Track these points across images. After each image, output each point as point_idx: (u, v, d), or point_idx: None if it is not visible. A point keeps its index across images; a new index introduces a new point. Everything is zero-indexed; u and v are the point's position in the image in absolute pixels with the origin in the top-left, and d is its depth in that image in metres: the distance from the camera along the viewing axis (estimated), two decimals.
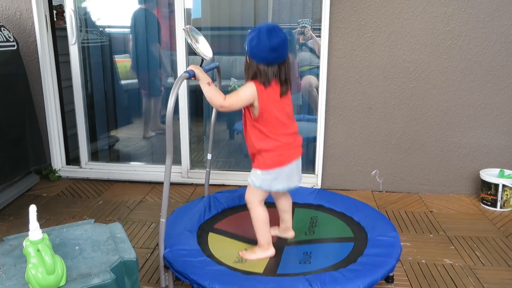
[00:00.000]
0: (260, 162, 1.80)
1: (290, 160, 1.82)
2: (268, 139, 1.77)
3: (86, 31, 3.17)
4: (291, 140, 1.82)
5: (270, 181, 1.81)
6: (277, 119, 1.77)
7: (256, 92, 1.71)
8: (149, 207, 2.69)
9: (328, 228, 2.10)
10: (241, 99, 1.73)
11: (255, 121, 1.76)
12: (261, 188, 1.82)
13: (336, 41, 2.72)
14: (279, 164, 1.80)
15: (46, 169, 3.12)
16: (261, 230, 1.87)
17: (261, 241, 1.88)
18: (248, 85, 1.73)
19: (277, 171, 1.80)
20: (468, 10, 2.60)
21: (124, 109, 3.52)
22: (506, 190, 2.60)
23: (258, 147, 1.78)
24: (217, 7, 3.14)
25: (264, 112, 1.73)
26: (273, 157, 1.78)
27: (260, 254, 1.88)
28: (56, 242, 1.38)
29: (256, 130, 1.77)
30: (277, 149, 1.79)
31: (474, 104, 2.74)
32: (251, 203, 1.86)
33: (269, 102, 1.73)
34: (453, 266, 2.03)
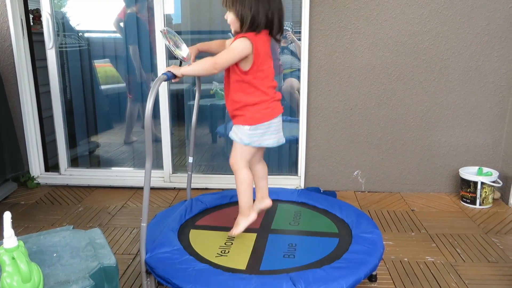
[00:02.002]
0: (248, 117, 1.74)
1: (278, 113, 1.80)
2: (256, 92, 1.73)
3: (64, 36, 3.13)
4: (275, 94, 1.81)
5: (260, 136, 1.76)
6: (266, 71, 1.75)
7: (250, 45, 1.67)
8: (130, 212, 2.65)
9: (312, 221, 2.10)
10: (234, 52, 1.67)
11: (244, 74, 1.72)
12: (251, 144, 1.77)
13: (316, 43, 2.74)
14: (268, 117, 1.76)
15: (24, 176, 3.05)
16: (244, 194, 1.84)
17: (242, 205, 1.86)
18: (237, 40, 1.68)
19: (266, 125, 1.76)
20: (445, 11, 2.65)
21: (105, 114, 3.47)
22: (484, 188, 2.65)
23: (245, 101, 1.73)
24: (197, 12, 3.13)
25: (256, 64, 1.70)
26: (261, 111, 1.75)
27: (244, 224, 1.87)
28: (33, 250, 1.34)
29: (244, 83, 1.73)
30: (265, 102, 1.75)
31: (452, 104, 2.79)
32: (237, 164, 1.80)
33: (262, 53, 1.71)
34: (434, 264, 2.05)
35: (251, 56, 1.69)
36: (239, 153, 1.80)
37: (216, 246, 1.85)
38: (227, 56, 1.68)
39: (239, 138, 1.77)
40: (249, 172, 1.83)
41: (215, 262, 1.72)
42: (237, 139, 1.78)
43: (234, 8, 1.68)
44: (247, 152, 1.80)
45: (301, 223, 2.08)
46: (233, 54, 1.68)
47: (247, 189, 1.83)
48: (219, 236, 1.94)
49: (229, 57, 1.69)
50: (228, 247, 1.85)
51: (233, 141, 1.83)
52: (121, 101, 3.45)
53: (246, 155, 1.80)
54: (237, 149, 1.81)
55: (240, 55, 1.68)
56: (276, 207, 2.25)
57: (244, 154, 1.80)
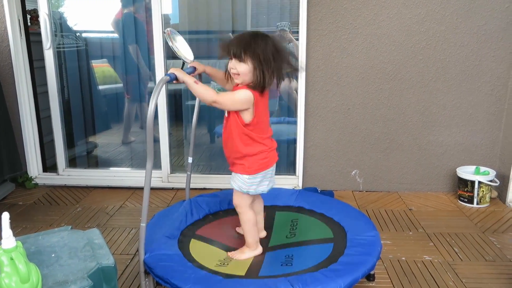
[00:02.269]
0: (246, 167, 1.81)
1: (274, 162, 1.88)
2: (255, 144, 1.79)
3: (62, 36, 3.12)
4: (272, 143, 1.88)
5: (256, 184, 1.84)
6: (265, 124, 1.81)
7: (253, 99, 1.71)
8: (129, 212, 2.65)
9: (308, 230, 2.11)
10: (237, 102, 1.72)
11: (245, 126, 1.76)
12: (249, 192, 1.84)
13: (314, 43, 2.75)
14: (265, 167, 1.83)
15: (22, 177, 3.04)
16: (250, 232, 1.90)
17: (250, 242, 1.91)
18: (244, 91, 1.71)
19: (262, 174, 1.83)
20: (442, 11, 2.66)
21: (103, 114, 3.47)
22: (482, 187, 2.66)
23: (244, 152, 1.79)
24: (194, 11, 3.13)
25: (256, 117, 1.75)
26: (259, 161, 1.81)
27: (249, 255, 1.90)
28: (31, 250, 1.34)
29: (245, 135, 1.77)
30: (262, 153, 1.81)
31: (449, 104, 2.80)
32: (240, 208, 1.88)
33: (262, 108, 1.76)
34: (432, 263, 2.06)
35: (252, 109, 1.73)
36: (240, 198, 1.88)
37: (215, 259, 1.86)
38: (229, 100, 1.73)
39: (238, 186, 1.84)
40: (252, 212, 1.91)
41: (214, 270, 1.73)
42: (236, 187, 1.85)
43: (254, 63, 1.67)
44: (248, 197, 1.88)
45: (297, 233, 2.08)
46: (235, 102, 1.73)
47: (253, 227, 1.90)
48: (218, 253, 1.93)
49: (230, 103, 1.73)
50: (227, 261, 1.85)
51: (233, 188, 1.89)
52: (119, 101, 3.45)
53: (247, 199, 1.88)
54: (238, 194, 1.88)
55: (241, 105, 1.72)
56: (273, 216, 2.25)
57: (245, 199, 1.88)
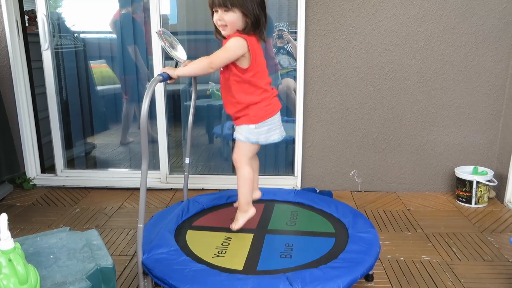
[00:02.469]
0: (252, 116, 1.77)
1: (278, 108, 1.84)
2: (257, 91, 1.76)
3: (60, 37, 3.12)
4: (273, 90, 1.84)
5: (266, 132, 1.79)
6: (263, 67, 1.78)
7: (246, 43, 1.69)
8: (127, 213, 2.65)
9: (309, 221, 2.11)
10: (230, 50, 1.68)
11: (243, 73, 1.73)
12: (258, 142, 1.80)
13: (312, 43, 2.75)
14: (271, 113, 1.79)
15: (20, 178, 3.04)
16: (244, 190, 1.86)
17: (242, 200, 1.88)
18: (233, 38, 1.69)
19: (270, 121, 1.79)
20: (440, 11, 2.66)
21: (101, 115, 3.47)
22: (480, 187, 2.66)
23: (247, 101, 1.75)
24: (193, 12, 3.13)
25: (254, 61, 1.72)
26: (264, 108, 1.77)
27: (243, 218, 1.89)
28: (29, 252, 1.34)
29: (245, 84, 1.74)
30: (266, 99, 1.78)
31: (448, 104, 2.80)
32: (240, 161, 1.83)
33: (257, 50, 1.73)
34: (431, 263, 2.06)
35: (248, 54, 1.71)
36: (243, 151, 1.83)
37: (213, 247, 1.85)
38: (223, 54, 1.69)
39: (245, 137, 1.79)
40: (250, 169, 1.85)
41: (212, 263, 1.73)
42: (243, 139, 1.79)
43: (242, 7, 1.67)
44: (251, 149, 1.83)
45: (297, 223, 2.08)
46: (229, 52, 1.69)
47: (248, 185, 1.86)
48: (216, 237, 1.94)
49: (225, 56, 1.69)
50: (225, 247, 1.85)
51: (236, 140, 1.84)
52: (117, 102, 3.44)
53: (249, 152, 1.83)
54: (240, 147, 1.83)
55: (235, 53, 1.69)
56: (273, 207, 2.25)
57: (247, 152, 1.83)
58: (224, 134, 3.25)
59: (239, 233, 1.96)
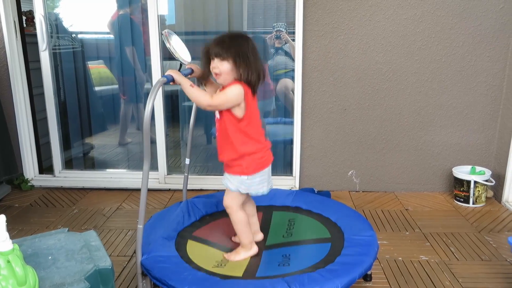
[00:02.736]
0: (244, 167, 1.79)
1: (270, 161, 1.86)
2: (252, 142, 1.77)
3: (57, 37, 3.11)
4: (267, 142, 1.86)
5: (256, 184, 1.81)
6: (257, 120, 1.80)
7: (243, 92, 1.70)
8: (126, 214, 2.65)
9: (305, 229, 2.11)
10: (230, 98, 1.71)
11: (239, 123, 1.75)
12: (248, 192, 1.83)
13: (310, 44, 2.75)
14: (263, 166, 1.81)
15: (18, 179, 3.03)
16: (243, 232, 1.88)
17: (244, 242, 1.89)
18: (234, 86, 1.71)
19: (261, 174, 1.81)
20: (437, 12, 2.67)
21: (99, 115, 3.46)
22: (477, 187, 2.67)
23: (242, 151, 1.77)
24: (191, 12, 3.13)
25: (249, 112, 1.73)
26: (257, 160, 1.79)
27: (245, 255, 1.89)
28: (28, 253, 1.34)
29: (241, 133, 1.76)
30: (259, 151, 1.80)
31: (445, 104, 2.81)
32: (231, 208, 1.86)
33: (253, 105, 1.75)
34: (429, 262, 2.07)
35: (243, 104, 1.73)
36: (233, 198, 1.85)
37: (213, 260, 1.86)
38: (222, 99, 1.72)
39: (236, 187, 1.81)
40: (243, 212, 1.89)
41: (212, 271, 1.73)
42: (233, 188, 1.82)
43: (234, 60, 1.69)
44: (241, 197, 1.86)
45: (294, 233, 2.08)
46: (228, 98, 1.71)
47: (245, 227, 1.89)
48: (215, 253, 1.93)
49: (224, 100, 1.72)
50: (224, 261, 1.85)
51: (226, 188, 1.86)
52: (115, 102, 3.44)
53: (239, 200, 1.86)
54: (230, 195, 1.86)
55: (235, 100, 1.71)
56: (270, 216, 2.25)
57: (238, 200, 1.86)
58: None
59: None
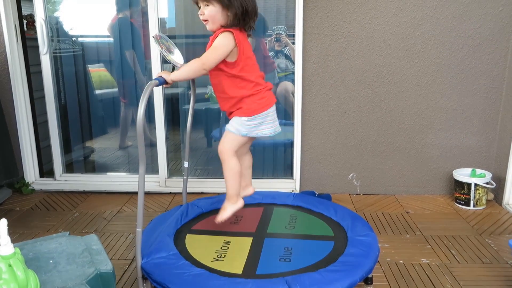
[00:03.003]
0: (245, 109, 1.76)
1: (273, 102, 1.83)
2: (249, 84, 1.75)
3: (58, 41, 3.12)
4: (266, 83, 1.83)
5: (257, 126, 1.78)
6: (252, 61, 1.77)
7: (233, 37, 1.68)
8: (126, 217, 2.65)
9: (308, 225, 2.11)
10: (221, 50, 1.68)
11: (232, 67, 1.72)
12: (248, 135, 1.79)
13: (310, 47, 2.76)
14: (264, 107, 1.78)
15: (19, 183, 3.03)
16: (232, 181, 1.85)
17: (230, 192, 1.86)
18: (220, 35, 1.68)
19: (263, 115, 1.78)
20: (437, 15, 2.68)
21: (99, 119, 3.47)
22: (478, 189, 2.67)
23: (239, 94, 1.74)
24: (191, 16, 3.14)
25: (242, 54, 1.71)
26: (257, 101, 1.76)
27: (231, 209, 1.87)
28: (29, 257, 1.34)
29: (235, 78, 1.73)
30: (259, 92, 1.77)
31: (445, 106, 2.81)
32: (225, 153, 1.81)
33: (244, 44, 1.73)
34: (430, 265, 2.06)
35: (235, 49, 1.71)
36: (229, 142, 1.81)
37: (212, 251, 1.86)
38: (214, 54, 1.69)
39: (236, 129, 1.78)
40: (237, 161, 1.84)
41: (211, 267, 1.73)
42: (234, 130, 1.78)
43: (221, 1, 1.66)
44: (239, 141, 1.81)
45: (296, 226, 2.09)
46: (219, 51, 1.68)
47: (235, 177, 1.84)
48: (215, 240, 1.94)
49: (215, 55, 1.69)
50: (224, 251, 1.85)
51: (225, 131, 1.82)
52: (116, 105, 3.45)
53: (236, 144, 1.81)
54: (228, 138, 1.81)
55: (226, 51, 1.68)
56: (272, 210, 2.26)
57: (235, 144, 1.81)
58: None
59: (238, 236, 1.96)
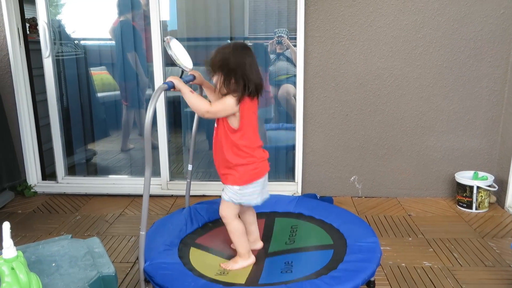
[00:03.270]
0: (237, 177, 1.80)
1: (264, 173, 1.86)
2: (244, 154, 1.79)
3: (61, 44, 3.13)
4: (262, 153, 1.86)
5: (248, 195, 1.83)
6: (254, 132, 1.81)
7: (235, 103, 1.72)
8: (128, 220, 2.65)
9: (308, 236, 2.11)
10: (226, 107, 1.73)
11: (233, 134, 1.77)
12: (240, 203, 1.84)
13: (312, 49, 2.77)
14: (255, 177, 1.82)
15: (21, 185, 3.04)
16: (239, 241, 1.89)
17: (241, 251, 1.89)
18: (229, 96, 1.73)
19: (254, 185, 1.82)
20: (438, 18, 2.68)
21: (101, 122, 3.47)
22: (480, 192, 2.67)
23: (234, 162, 1.79)
24: (193, 18, 3.15)
25: (244, 123, 1.75)
26: (250, 171, 1.80)
27: (242, 264, 1.88)
28: (31, 260, 1.34)
29: (233, 146, 1.78)
30: (253, 163, 1.81)
31: (447, 109, 2.81)
32: (227, 218, 1.87)
33: (249, 115, 1.76)
34: (432, 268, 2.06)
35: (238, 114, 1.74)
36: (227, 209, 1.86)
37: (216, 267, 1.86)
38: (219, 108, 1.75)
39: (229, 197, 1.83)
40: (239, 221, 1.89)
41: (215, 278, 1.73)
42: (227, 198, 1.84)
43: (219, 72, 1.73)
44: (235, 207, 1.87)
45: (296, 240, 2.08)
46: (224, 107, 1.74)
47: (242, 237, 1.89)
48: (218, 261, 1.93)
49: (220, 109, 1.75)
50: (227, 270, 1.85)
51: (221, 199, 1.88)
52: (118, 108, 3.45)
53: (234, 209, 1.87)
54: (225, 206, 1.87)
55: (230, 109, 1.73)
56: (273, 223, 2.25)
57: (232, 209, 1.87)
58: None
59: None
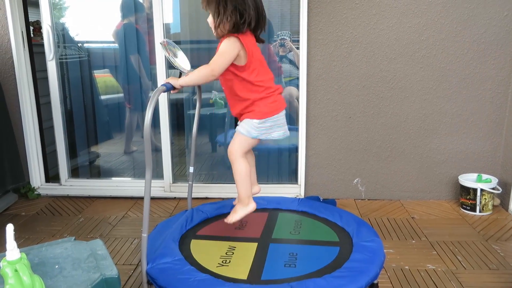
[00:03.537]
0: (256, 111, 1.76)
1: (283, 107, 1.83)
2: (259, 88, 1.76)
3: (64, 47, 3.15)
4: (278, 87, 1.83)
5: (268, 129, 1.79)
6: (262, 65, 1.78)
7: (238, 40, 1.69)
8: (131, 222, 2.66)
9: (313, 230, 2.10)
10: (226, 54, 1.69)
11: (242, 71, 1.73)
12: (258, 137, 1.79)
13: (315, 52, 2.77)
14: (275, 110, 1.79)
15: (25, 187, 3.05)
16: (242, 183, 1.83)
17: (242, 195, 1.85)
18: (224, 41, 1.69)
19: (274, 118, 1.79)
20: (441, 20, 2.68)
21: (104, 124, 3.49)
22: (484, 195, 2.66)
23: (252, 97, 1.75)
24: (196, 21, 3.16)
25: (251, 57, 1.71)
26: (269, 104, 1.77)
27: (242, 212, 1.86)
28: (35, 262, 1.35)
29: (245, 82, 1.74)
30: (270, 96, 1.78)
31: (450, 111, 2.81)
32: (235, 154, 1.80)
33: (252, 47, 1.73)
34: (435, 271, 2.05)
35: (242, 52, 1.71)
36: (240, 144, 1.81)
37: (217, 256, 1.85)
38: (220, 59, 1.70)
39: (247, 131, 1.78)
40: (246, 163, 1.83)
41: (216, 272, 1.72)
42: (245, 132, 1.79)
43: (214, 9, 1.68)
44: (249, 143, 1.82)
45: (301, 232, 2.08)
46: (225, 56, 1.69)
47: (246, 179, 1.83)
48: (220, 246, 1.94)
49: (222, 60, 1.70)
50: (229, 256, 1.85)
51: (236, 133, 1.83)
52: (121, 111, 3.46)
53: (246, 146, 1.82)
54: (238, 140, 1.82)
55: (232, 55, 1.69)
56: (277, 216, 2.25)
57: (245, 145, 1.81)
58: (228, 143, 3.26)
59: (243, 242, 1.95)
